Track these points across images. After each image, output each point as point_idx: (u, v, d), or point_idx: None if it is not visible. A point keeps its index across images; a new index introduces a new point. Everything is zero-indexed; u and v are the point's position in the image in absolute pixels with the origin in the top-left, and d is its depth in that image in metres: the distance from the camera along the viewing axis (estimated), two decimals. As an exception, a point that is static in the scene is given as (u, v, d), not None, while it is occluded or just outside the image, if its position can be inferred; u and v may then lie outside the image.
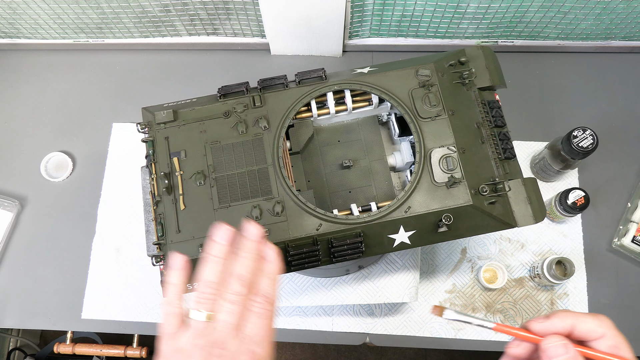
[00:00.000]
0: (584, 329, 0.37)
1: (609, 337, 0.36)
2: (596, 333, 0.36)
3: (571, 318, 0.37)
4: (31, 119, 0.91)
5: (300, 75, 0.56)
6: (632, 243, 0.78)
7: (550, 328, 0.37)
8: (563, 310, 0.38)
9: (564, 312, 0.37)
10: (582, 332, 0.37)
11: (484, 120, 0.55)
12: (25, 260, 0.84)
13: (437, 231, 0.52)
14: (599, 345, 0.36)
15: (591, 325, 0.36)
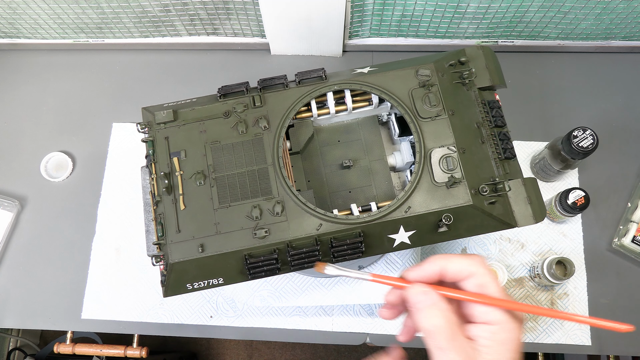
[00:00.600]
0: (453, 269, 0.35)
1: (477, 275, 0.35)
2: (464, 272, 0.35)
3: (441, 260, 0.36)
4: (31, 119, 0.91)
5: (300, 75, 0.57)
6: (632, 243, 0.78)
7: (421, 274, 0.36)
8: (438, 255, 0.37)
9: (436, 256, 0.36)
10: (452, 274, 0.36)
11: (484, 120, 0.55)
12: (25, 260, 0.84)
13: (437, 231, 0.52)
14: (466, 284, 0.35)
15: (460, 265, 0.35)
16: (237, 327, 0.79)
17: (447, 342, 0.33)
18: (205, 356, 1.57)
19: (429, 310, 0.34)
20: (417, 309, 0.35)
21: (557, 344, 0.77)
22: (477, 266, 0.35)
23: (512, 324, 0.34)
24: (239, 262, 0.51)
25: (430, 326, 0.34)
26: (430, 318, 0.34)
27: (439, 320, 0.34)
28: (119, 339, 1.19)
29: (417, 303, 0.35)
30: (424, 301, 0.35)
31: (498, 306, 0.34)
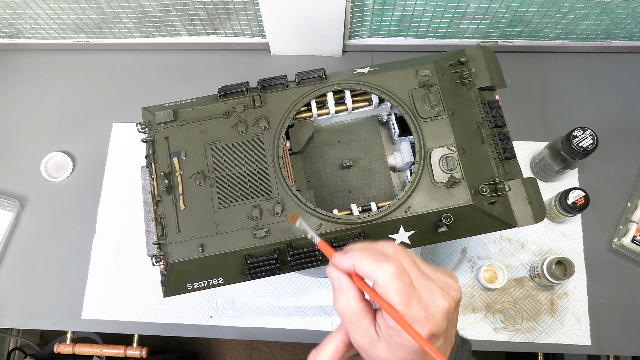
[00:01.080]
0: (361, 272, 0.36)
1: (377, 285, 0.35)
2: (370, 278, 0.36)
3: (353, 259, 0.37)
4: (31, 119, 0.91)
5: (300, 75, 0.57)
6: (632, 243, 0.78)
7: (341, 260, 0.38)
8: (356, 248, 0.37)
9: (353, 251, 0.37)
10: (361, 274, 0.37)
11: (484, 120, 0.55)
12: (25, 260, 0.84)
13: (437, 231, 0.52)
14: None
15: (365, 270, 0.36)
16: (237, 327, 0.79)
17: (350, 325, 0.37)
18: (205, 356, 1.57)
19: (338, 294, 0.37)
20: (333, 289, 0.38)
21: (557, 344, 0.77)
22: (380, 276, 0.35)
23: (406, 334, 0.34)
24: (239, 262, 0.51)
25: (338, 309, 0.37)
26: (339, 301, 0.37)
27: (344, 305, 0.37)
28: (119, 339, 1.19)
29: (332, 284, 0.38)
30: (336, 284, 0.38)
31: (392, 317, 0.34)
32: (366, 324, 0.37)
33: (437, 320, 0.35)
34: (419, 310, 0.34)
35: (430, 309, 0.35)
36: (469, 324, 0.78)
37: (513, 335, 0.77)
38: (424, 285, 0.36)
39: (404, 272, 0.35)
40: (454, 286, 0.38)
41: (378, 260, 0.36)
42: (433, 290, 0.36)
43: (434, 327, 0.35)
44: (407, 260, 0.37)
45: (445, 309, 0.36)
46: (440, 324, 0.35)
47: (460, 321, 0.78)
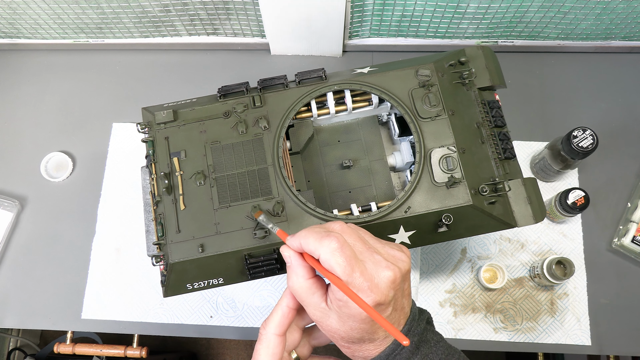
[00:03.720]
0: (308, 249, 0.39)
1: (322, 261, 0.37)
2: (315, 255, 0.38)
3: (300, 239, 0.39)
4: (31, 119, 0.91)
5: (300, 75, 0.56)
6: (632, 243, 0.78)
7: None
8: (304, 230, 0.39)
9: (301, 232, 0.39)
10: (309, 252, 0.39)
11: (484, 120, 0.55)
12: (25, 260, 0.84)
13: (437, 231, 0.52)
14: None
15: (310, 247, 0.38)
16: (237, 327, 0.79)
17: (303, 300, 0.40)
18: (205, 356, 1.57)
19: (290, 272, 0.40)
20: (286, 268, 0.41)
21: (557, 344, 0.77)
22: (322, 251, 0.37)
23: (354, 304, 0.36)
24: (239, 262, 0.51)
25: (290, 286, 0.40)
26: (290, 279, 0.40)
27: (294, 282, 0.40)
28: (119, 339, 1.19)
29: (286, 262, 0.41)
30: (288, 263, 0.40)
31: (339, 288, 0.36)
32: (316, 298, 0.39)
33: (382, 289, 0.37)
34: (363, 280, 0.36)
35: (375, 279, 0.37)
36: (469, 324, 0.78)
37: (513, 335, 0.77)
38: (369, 258, 0.38)
39: (345, 246, 0.37)
40: (402, 258, 0.40)
41: (320, 237, 0.37)
42: (378, 262, 0.38)
43: (379, 296, 0.36)
44: (352, 235, 0.39)
45: (390, 278, 0.37)
46: (386, 293, 0.37)
47: (461, 321, 0.78)
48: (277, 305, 0.42)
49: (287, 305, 0.41)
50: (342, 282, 0.36)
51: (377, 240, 0.41)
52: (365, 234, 0.41)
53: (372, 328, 0.38)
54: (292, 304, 0.41)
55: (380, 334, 0.39)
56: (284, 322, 0.41)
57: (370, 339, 0.39)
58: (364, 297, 0.36)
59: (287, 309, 0.41)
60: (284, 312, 0.41)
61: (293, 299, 0.41)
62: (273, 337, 0.41)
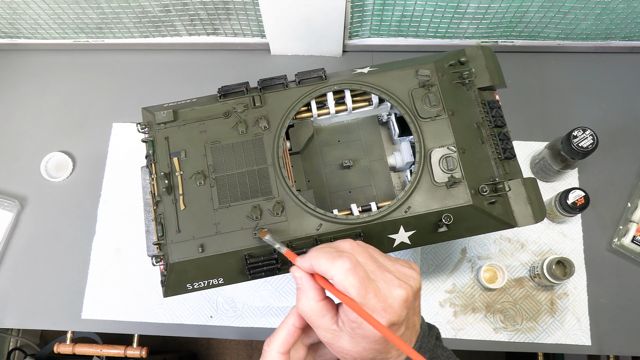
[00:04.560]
0: (320, 271, 0.38)
1: (335, 282, 0.37)
2: (328, 276, 0.38)
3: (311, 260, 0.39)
4: (31, 119, 0.91)
5: (300, 75, 0.56)
6: (632, 243, 0.78)
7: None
8: (314, 250, 0.39)
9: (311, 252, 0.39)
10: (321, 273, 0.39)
11: (484, 120, 0.55)
12: (25, 260, 0.84)
13: (437, 231, 0.52)
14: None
15: (322, 269, 0.38)
16: (237, 327, 0.79)
17: (313, 322, 0.39)
18: (205, 356, 1.57)
19: (300, 294, 0.39)
20: (297, 290, 0.40)
21: (557, 344, 0.77)
22: (335, 272, 0.36)
23: (367, 325, 0.36)
24: (239, 262, 0.51)
25: (300, 308, 0.39)
26: (300, 301, 0.39)
27: (304, 305, 0.39)
28: (119, 339, 1.19)
29: (296, 284, 0.40)
30: (298, 284, 0.39)
31: (353, 310, 0.36)
32: (327, 320, 0.38)
33: (396, 309, 0.36)
34: (376, 301, 0.36)
35: (388, 299, 0.36)
36: (469, 324, 0.78)
37: (513, 335, 0.77)
38: (381, 277, 0.37)
39: (358, 267, 0.36)
40: (412, 275, 0.39)
41: (332, 257, 0.37)
42: (390, 281, 0.37)
43: (393, 316, 0.36)
44: (363, 254, 0.39)
45: (403, 298, 0.37)
46: (399, 313, 0.36)
47: (461, 321, 0.78)
48: (283, 323, 0.41)
49: (293, 324, 0.40)
50: (356, 304, 0.35)
51: (386, 258, 0.40)
52: (374, 252, 0.40)
53: (386, 348, 0.38)
54: (299, 324, 0.41)
55: (393, 353, 0.38)
56: (289, 340, 0.40)
57: (383, 358, 0.38)
58: (378, 318, 0.35)
59: (293, 328, 0.40)
60: (290, 331, 0.40)
61: (300, 318, 0.40)
62: (277, 355, 0.40)
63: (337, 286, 0.37)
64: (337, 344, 0.39)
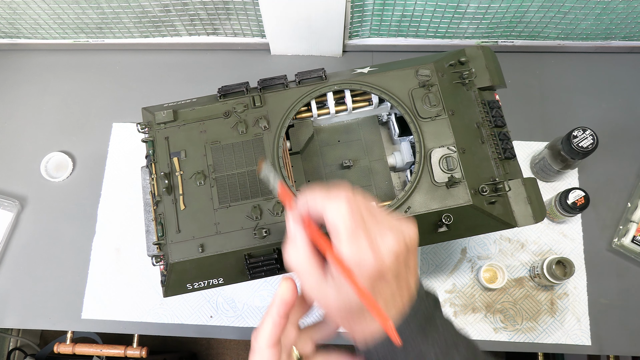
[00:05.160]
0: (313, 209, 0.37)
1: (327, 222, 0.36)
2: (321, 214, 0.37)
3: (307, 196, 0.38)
4: (31, 119, 0.91)
5: (300, 75, 0.56)
6: (632, 243, 0.78)
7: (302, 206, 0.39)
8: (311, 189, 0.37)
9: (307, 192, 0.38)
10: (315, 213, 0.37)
11: (484, 120, 0.55)
12: (25, 260, 0.84)
13: (437, 231, 0.52)
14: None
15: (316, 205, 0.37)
16: (237, 327, 0.79)
17: (300, 273, 0.37)
18: (205, 356, 1.57)
19: (290, 244, 0.38)
20: (287, 240, 0.39)
21: (557, 344, 0.77)
22: (330, 210, 0.35)
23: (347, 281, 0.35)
24: (239, 262, 0.51)
25: (287, 258, 0.38)
26: (289, 250, 0.38)
27: (292, 253, 0.38)
28: (119, 339, 1.19)
29: (287, 234, 0.39)
30: (290, 233, 0.38)
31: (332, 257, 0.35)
32: (314, 269, 0.37)
33: (385, 258, 0.35)
34: (366, 246, 0.35)
35: (378, 247, 0.35)
36: (469, 324, 0.78)
37: (513, 335, 0.77)
38: (373, 223, 0.36)
39: (354, 209, 0.35)
40: (407, 229, 0.38)
41: (330, 194, 0.36)
42: (383, 231, 0.36)
43: (381, 265, 0.35)
44: (360, 200, 0.37)
45: (394, 248, 0.36)
46: (388, 263, 0.35)
47: (461, 321, 0.78)
48: (267, 315, 0.39)
49: (277, 314, 0.39)
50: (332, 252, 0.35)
51: (382, 210, 0.39)
52: (370, 202, 0.39)
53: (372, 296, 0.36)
54: (283, 312, 0.39)
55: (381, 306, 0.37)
56: (276, 332, 0.39)
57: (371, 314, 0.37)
58: (365, 264, 0.34)
59: (277, 318, 0.39)
60: (275, 322, 0.39)
61: (283, 305, 0.39)
62: (266, 350, 0.38)
63: (328, 222, 0.35)
64: (321, 293, 0.37)
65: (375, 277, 0.35)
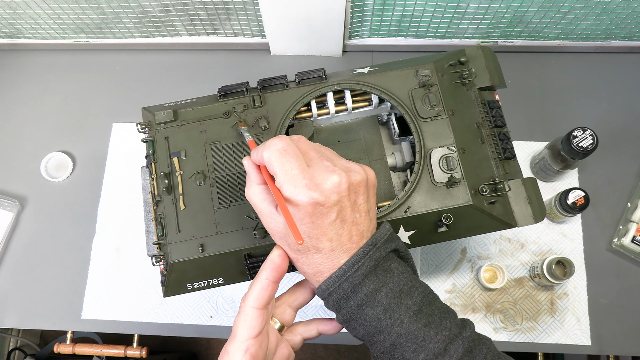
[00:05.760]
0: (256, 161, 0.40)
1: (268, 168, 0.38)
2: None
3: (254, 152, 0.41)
4: (31, 119, 0.91)
5: (300, 75, 0.56)
6: (632, 243, 0.78)
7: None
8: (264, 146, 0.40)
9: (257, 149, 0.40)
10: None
11: (484, 120, 0.55)
12: (25, 260, 0.84)
13: (437, 231, 0.52)
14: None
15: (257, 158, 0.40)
16: (237, 327, 0.79)
17: (255, 205, 0.40)
18: (205, 356, 1.57)
19: (248, 182, 0.41)
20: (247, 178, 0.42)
21: (557, 344, 0.77)
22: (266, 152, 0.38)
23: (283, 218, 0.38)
24: (239, 262, 0.51)
25: (245, 193, 0.41)
26: (247, 188, 0.41)
27: (249, 190, 0.41)
28: (119, 339, 1.19)
29: (247, 174, 0.41)
30: (247, 175, 0.41)
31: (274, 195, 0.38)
32: (267, 204, 0.40)
33: (323, 189, 0.37)
34: (301, 177, 0.36)
35: (317, 179, 0.37)
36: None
37: (513, 335, 0.77)
38: (318, 164, 0.38)
39: (290, 147, 0.38)
40: (356, 169, 0.40)
41: (266, 143, 0.38)
42: (326, 168, 0.38)
43: (318, 194, 0.36)
44: (307, 144, 0.40)
45: (335, 182, 0.37)
46: (327, 194, 0.37)
47: (460, 321, 0.78)
48: (257, 278, 0.41)
49: (266, 278, 0.40)
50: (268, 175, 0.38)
51: (336, 156, 0.41)
52: (327, 151, 0.41)
53: (313, 232, 0.38)
54: (272, 277, 0.41)
55: (324, 244, 0.38)
56: (263, 295, 0.40)
57: (315, 247, 0.38)
58: (300, 192, 0.36)
59: (266, 282, 0.40)
60: (263, 285, 0.40)
61: (272, 271, 0.41)
62: (251, 310, 0.40)
63: (266, 163, 0.38)
64: (274, 227, 0.40)
65: (313, 212, 0.37)
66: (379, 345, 0.39)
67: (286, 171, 0.37)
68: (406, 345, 0.38)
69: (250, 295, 0.40)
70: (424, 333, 0.38)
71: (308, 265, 0.40)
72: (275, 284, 0.41)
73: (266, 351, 0.41)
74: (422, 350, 0.37)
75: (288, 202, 0.37)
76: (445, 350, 0.37)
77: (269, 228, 0.41)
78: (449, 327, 0.38)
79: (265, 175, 0.39)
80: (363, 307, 0.39)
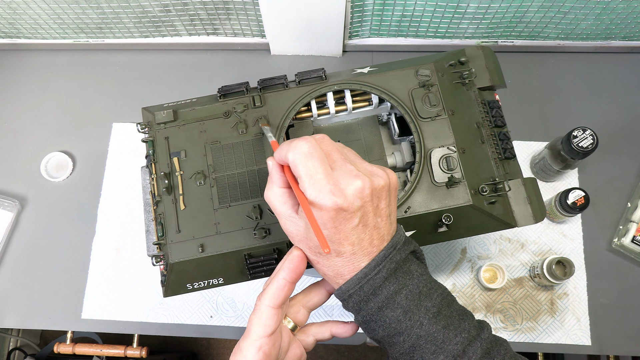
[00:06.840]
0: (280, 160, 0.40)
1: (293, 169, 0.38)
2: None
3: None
4: (31, 119, 0.91)
5: (300, 75, 0.56)
6: (632, 243, 0.78)
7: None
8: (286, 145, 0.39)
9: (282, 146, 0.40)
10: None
11: (484, 120, 0.55)
12: (25, 260, 0.84)
13: (437, 231, 0.52)
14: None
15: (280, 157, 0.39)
16: (237, 327, 0.79)
17: (275, 208, 0.40)
18: (205, 356, 1.57)
19: (269, 183, 0.41)
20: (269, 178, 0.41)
21: (557, 344, 0.77)
22: (290, 154, 0.37)
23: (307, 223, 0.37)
24: (239, 262, 0.51)
25: (265, 195, 0.41)
26: (268, 190, 0.41)
27: (269, 191, 0.40)
28: (119, 339, 1.19)
29: (269, 174, 0.41)
30: (270, 175, 0.41)
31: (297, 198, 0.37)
32: (287, 208, 0.40)
33: (347, 195, 0.36)
34: (326, 182, 0.36)
35: (341, 184, 0.36)
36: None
37: (513, 335, 0.77)
38: (341, 167, 0.38)
39: (315, 151, 0.37)
40: (379, 173, 0.39)
41: (291, 144, 0.38)
42: (349, 172, 0.37)
43: (341, 199, 0.36)
44: (330, 145, 0.39)
45: (358, 187, 0.37)
46: (351, 200, 0.36)
47: (460, 321, 0.78)
48: (274, 277, 0.41)
49: (283, 277, 0.40)
50: (291, 177, 0.37)
51: (357, 156, 0.40)
52: (349, 152, 0.40)
53: (336, 237, 0.37)
54: (289, 277, 0.40)
55: (346, 247, 0.38)
56: (280, 294, 0.40)
57: (336, 251, 0.38)
58: (324, 197, 0.36)
59: (283, 282, 0.40)
60: (280, 285, 0.40)
61: (290, 272, 0.40)
62: (267, 309, 0.40)
63: (291, 166, 0.37)
64: (295, 231, 0.40)
65: (336, 217, 0.36)
66: (398, 347, 0.39)
67: (311, 175, 0.36)
68: (425, 347, 0.38)
69: (266, 293, 0.40)
70: (443, 335, 0.38)
71: (328, 268, 0.39)
72: (292, 285, 0.41)
73: (279, 350, 0.41)
74: (441, 352, 0.37)
75: (311, 206, 0.37)
76: (464, 352, 0.37)
77: (287, 230, 0.40)
78: (468, 329, 0.38)
79: (289, 177, 0.38)
80: (383, 309, 0.39)
